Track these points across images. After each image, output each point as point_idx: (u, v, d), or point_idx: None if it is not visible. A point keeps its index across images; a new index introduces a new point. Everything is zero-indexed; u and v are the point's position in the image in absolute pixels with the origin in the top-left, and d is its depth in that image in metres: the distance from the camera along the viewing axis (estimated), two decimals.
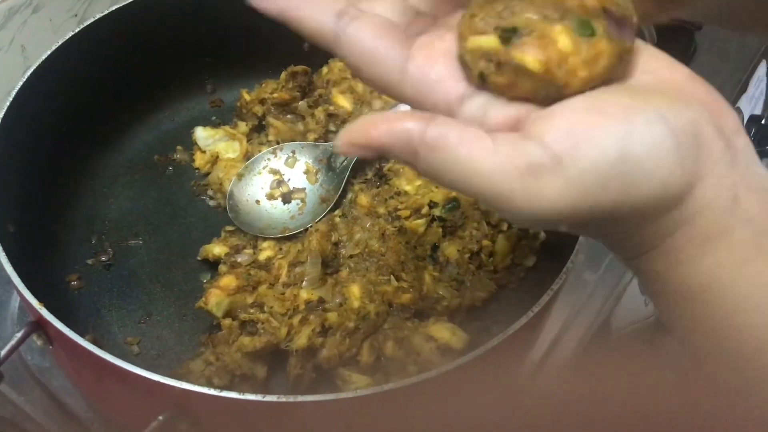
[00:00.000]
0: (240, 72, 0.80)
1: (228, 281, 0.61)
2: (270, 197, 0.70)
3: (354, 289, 0.60)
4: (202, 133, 0.76)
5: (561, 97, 0.31)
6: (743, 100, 0.87)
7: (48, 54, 0.64)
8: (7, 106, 0.60)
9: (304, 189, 0.70)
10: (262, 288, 0.61)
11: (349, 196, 0.69)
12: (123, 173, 0.75)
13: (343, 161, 0.70)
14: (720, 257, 0.30)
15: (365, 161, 0.70)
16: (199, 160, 0.75)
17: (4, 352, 0.51)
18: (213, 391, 0.46)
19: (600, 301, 0.73)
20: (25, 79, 0.62)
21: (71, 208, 0.71)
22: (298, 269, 0.62)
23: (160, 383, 0.46)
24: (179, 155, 0.76)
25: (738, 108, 0.85)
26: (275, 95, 0.74)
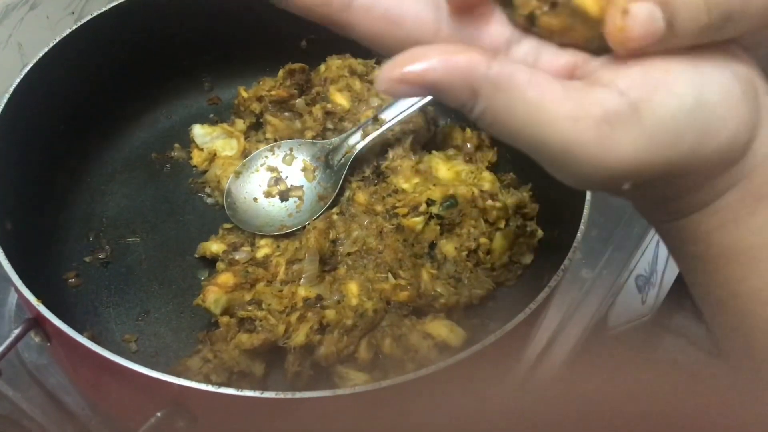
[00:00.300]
0: (237, 70, 0.80)
1: (226, 278, 0.61)
2: (268, 195, 0.70)
3: (352, 287, 0.60)
4: (199, 131, 0.76)
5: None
6: None
7: (45, 51, 0.64)
8: (4, 103, 0.60)
9: (301, 187, 0.70)
10: (259, 285, 0.61)
11: (347, 193, 0.69)
12: (120, 171, 0.75)
13: (341, 159, 0.70)
14: None
15: (363, 159, 0.70)
16: (197, 157, 0.75)
17: (1, 349, 0.51)
18: (211, 388, 0.46)
19: (597, 299, 0.73)
20: (22, 77, 0.62)
21: (68, 205, 0.71)
22: (295, 267, 0.62)
23: (158, 380, 0.46)
24: (177, 153, 0.76)
25: None
26: (273, 93, 0.74)
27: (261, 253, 0.65)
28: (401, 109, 0.68)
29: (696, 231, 0.31)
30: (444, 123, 0.77)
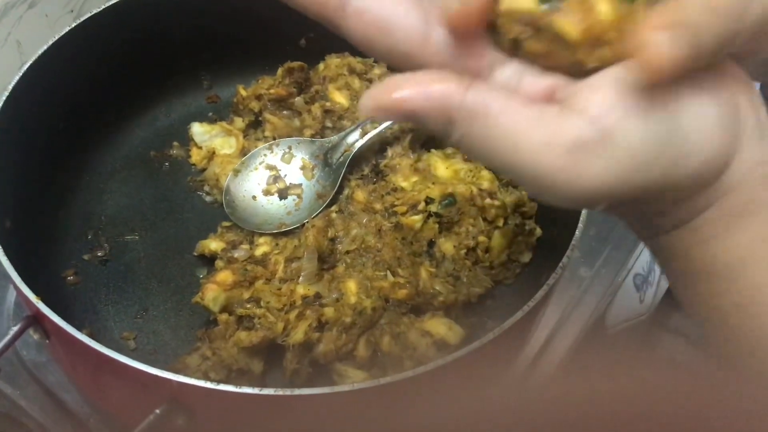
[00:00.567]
0: (236, 68, 0.80)
1: (224, 276, 0.61)
2: (266, 193, 0.70)
3: (350, 285, 0.60)
4: (198, 129, 0.76)
5: (598, 68, 0.29)
6: None
7: (44, 50, 0.64)
8: (3, 101, 0.60)
9: (300, 185, 0.70)
10: (258, 283, 0.61)
11: (346, 192, 0.69)
12: (119, 169, 0.75)
13: (340, 157, 0.70)
14: (750, 234, 0.30)
15: (361, 157, 0.70)
16: (196, 155, 0.75)
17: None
18: (210, 385, 0.46)
19: (595, 298, 0.73)
20: (21, 75, 0.62)
21: (67, 203, 0.71)
22: (294, 265, 0.62)
23: (156, 377, 0.46)
24: (176, 151, 0.76)
25: None
26: (272, 91, 0.74)
27: (260, 251, 0.65)
28: None
29: (678, 247, 0.32)
30: None
